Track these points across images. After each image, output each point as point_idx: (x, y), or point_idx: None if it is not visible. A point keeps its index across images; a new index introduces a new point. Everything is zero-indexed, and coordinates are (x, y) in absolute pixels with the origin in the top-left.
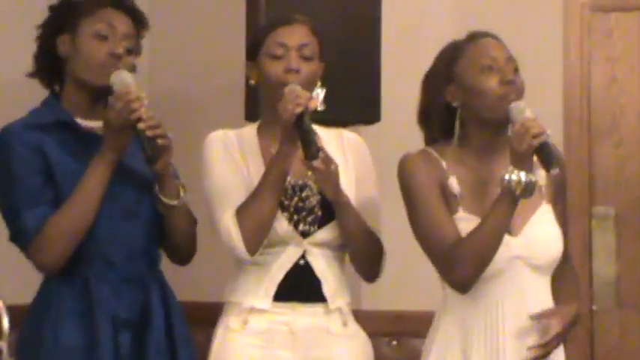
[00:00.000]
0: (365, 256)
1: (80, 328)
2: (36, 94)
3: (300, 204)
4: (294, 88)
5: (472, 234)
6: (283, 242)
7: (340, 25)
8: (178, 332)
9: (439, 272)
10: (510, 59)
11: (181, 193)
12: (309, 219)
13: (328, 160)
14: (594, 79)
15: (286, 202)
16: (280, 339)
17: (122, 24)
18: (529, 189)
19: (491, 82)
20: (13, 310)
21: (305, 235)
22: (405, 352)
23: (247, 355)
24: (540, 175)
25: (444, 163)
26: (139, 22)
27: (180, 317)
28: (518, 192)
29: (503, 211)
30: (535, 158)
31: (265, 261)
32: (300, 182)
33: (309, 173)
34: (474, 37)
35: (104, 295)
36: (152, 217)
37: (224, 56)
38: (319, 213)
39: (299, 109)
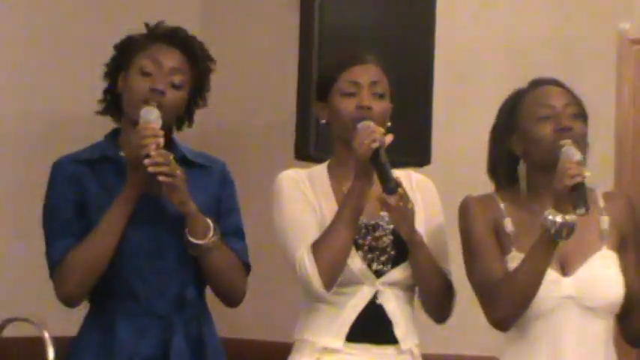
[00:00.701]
0: (436, 296)
1: None
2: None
3: (374, 243)
4: (368, 124)
5: (513, 273)
6: (357, 281)
7: (392, 63)
8: None
9: (483, 311)
10: (569, 105)
11: (210, 233)
12: (383, 258)
13: (405, 199)
14: None
15: (360, 241)
16: None
17: (170, 59)
18: (563, 230)
19: (547, 130)
20: (59, 342)
21: (378, 274)
22: None
23: None
24: (603, 221)
25: (502, 205)
26: (192, 55)
27: (215, 356)
28: (552, 232)
29: (541, 251)
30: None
31: (339, 300)
32: (373, 222)
33: (381, 213)
34: (534, 84)
35: (127, 333)
36: (184, 256)
37: (275, 93)
38: (392, 252)
39: (375, 144)
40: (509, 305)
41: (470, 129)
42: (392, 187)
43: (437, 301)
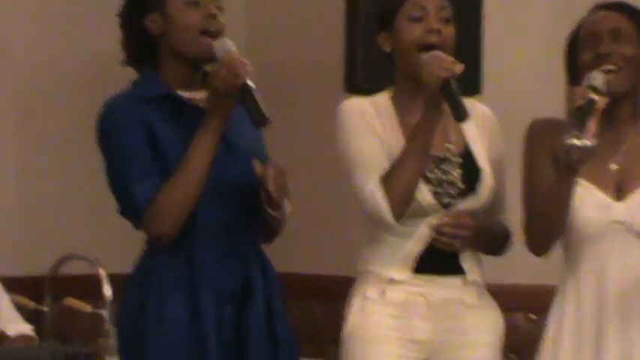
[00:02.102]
0: (496, 252)
1: (185, 300)
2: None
3: (443, 176)
4: (436, 54)
5: (540, 198)
6: (425, 214)
7: None
8: (276, 307)
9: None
10: (613, 30)
11: (286, 206)
12: (451, 191)
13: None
14: None
15: (429, 175)
16: (417, 310)
17: None
18: (582, 155)
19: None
20: (115, 279)
21: (446, 207)
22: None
23: (385, 325)
24: None
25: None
26: None
27: (278, 292)
28: (571, 158)
29: (563, 177)
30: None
31: (405, 231)
32: (441, 155)
33: (448, 145)
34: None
35: (208, 267)
36: (254, 196)
37: (324, 29)
38: (462, 185)
39: (446, 74)
40: (535, 231)
41: (520, 59)
42: (463, 114)
43: (496, 253)
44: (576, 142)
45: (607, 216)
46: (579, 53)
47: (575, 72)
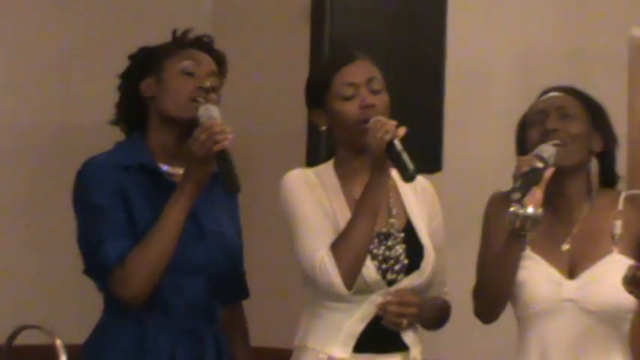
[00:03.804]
0: (435, 327)
1: None
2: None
3: (387, 252)
4: (379, 118)
5: (487, 268)
6: (369, 290)
7: (404, 74)
8: None
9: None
10: (560, 108)
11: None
12: (396, 267)
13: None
14: None
15: (374, 251)
16: None
17: (207, 63)
18: (526, 223)
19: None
20: (72, 350)
21: (390, 283)
22: None
23: None
24: (616, 225)
25: None
26: (220, 62)
27: None
28: (516, 226)
29: (510, 246)
30: None
31: (346, 308)
32: (384, 230)
33: (391, 221)
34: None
35: (159, 346)
36: (219, 274)
37: (286, 104)
38: (405, 261)
39: (389, 136)
40: (481, 297)
41: (481, 136)
42: (411, 174)
43: (436, 327)
44: (519, 210)
45: (558, 293)
46: (528, 130)
47: (524, 149)
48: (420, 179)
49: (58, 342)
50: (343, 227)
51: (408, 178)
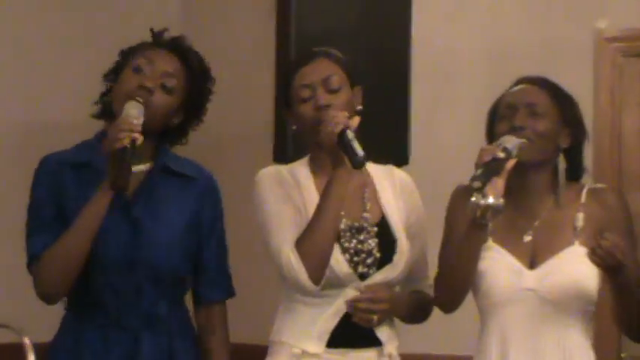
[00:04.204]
0: (415, 320)
1: None
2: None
3: (359, 246)
4: (329, 113)
5: (449, 256)
6: (341, 284)
7: (369, 66)
8: None
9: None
10: (530, 105)
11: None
12: (368, 261)
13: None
14: (625, 125)
15: (345, 244)
16: None
17: (165, 62)
18: (487, 212)
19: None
20: (40, 348)
21: (363, 277)
22: None
23: None
24: (578, 217)
25: None
26: (190, 66)
27: None
28: (477, 215)
29: (471, 235)
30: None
31: (320, 302)
32: (357, 224)
33: (365, 214)
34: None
35: (94, 344)
36: (158, 273)
37: (253, 101)
38: (378, 255)
39: (339, 128)
40: (442, 286)
41: (448, 129)
42: (359, 159)
43: (416, 321)
44: (480, 199)
45: (518, 282)
46: (497, 123)
47: (493, 141)
48: (399, 173)
49: (27, 340)
50: None
51: (357, 164)
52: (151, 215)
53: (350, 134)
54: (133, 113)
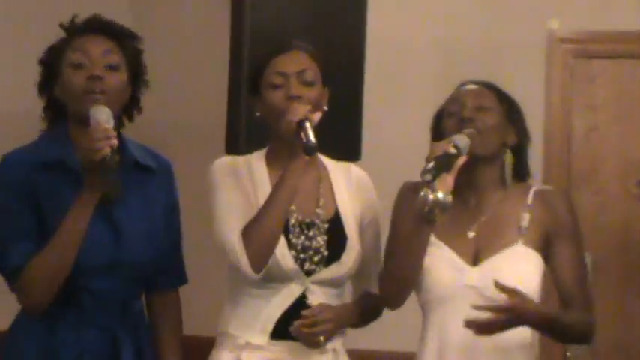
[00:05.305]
0: (364, 324)
1: None
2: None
3: (307, 242)
4: (292, 104)
5: (390, 254)
6: (287, 278)
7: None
8: None
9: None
10: (477, 98)
11: None
12: (315, 258)
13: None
14: (575, 126)
15: (293, 240)
16: None
17: (97, 46)
18: (435, 208)
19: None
20: None
21: (309, 273)
22: None
23: None
24: (523, 218)
25: None
26: (119, 36)
27: None
28: (425, 211)
29: (416, 231)
30: None
31: (265, 294)
32: (308, 220)
33: (317, 210)
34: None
35: (67, 344)
36: (136, 272)
37: (206, 91)
38: (325, 252)
39: (297, 118)
40: (387, 282)
41: (400, 127)
42: (310, 146)
43: (365, 324)
44: (430, 194)
45: (460, 279)
46: (444, 120)
47: (439, 139)
48: (357, 171)
49: None
50: None
51: (308, 150)
52: (128, 215)
53: (307, 124)
54: (103, 118)
